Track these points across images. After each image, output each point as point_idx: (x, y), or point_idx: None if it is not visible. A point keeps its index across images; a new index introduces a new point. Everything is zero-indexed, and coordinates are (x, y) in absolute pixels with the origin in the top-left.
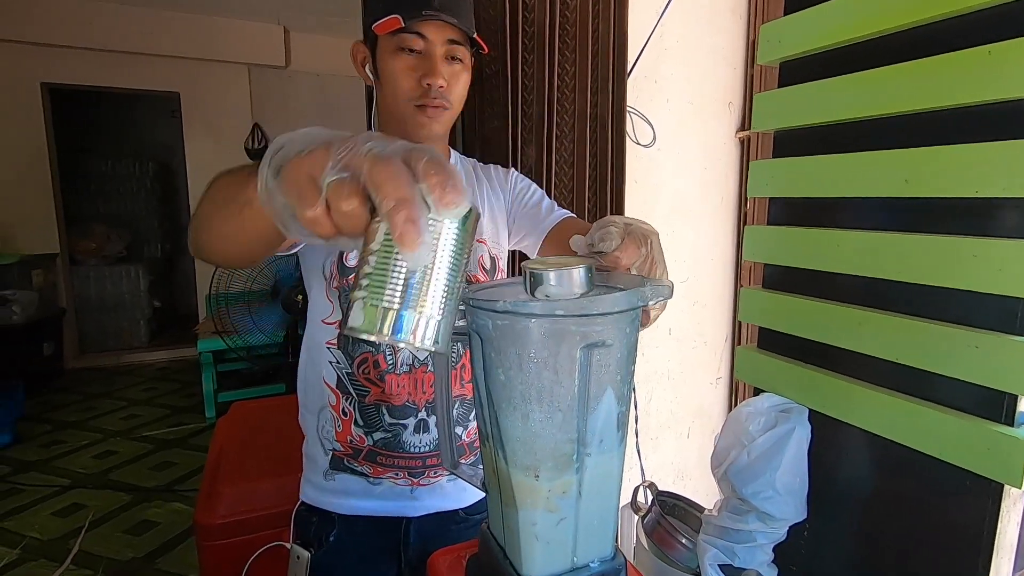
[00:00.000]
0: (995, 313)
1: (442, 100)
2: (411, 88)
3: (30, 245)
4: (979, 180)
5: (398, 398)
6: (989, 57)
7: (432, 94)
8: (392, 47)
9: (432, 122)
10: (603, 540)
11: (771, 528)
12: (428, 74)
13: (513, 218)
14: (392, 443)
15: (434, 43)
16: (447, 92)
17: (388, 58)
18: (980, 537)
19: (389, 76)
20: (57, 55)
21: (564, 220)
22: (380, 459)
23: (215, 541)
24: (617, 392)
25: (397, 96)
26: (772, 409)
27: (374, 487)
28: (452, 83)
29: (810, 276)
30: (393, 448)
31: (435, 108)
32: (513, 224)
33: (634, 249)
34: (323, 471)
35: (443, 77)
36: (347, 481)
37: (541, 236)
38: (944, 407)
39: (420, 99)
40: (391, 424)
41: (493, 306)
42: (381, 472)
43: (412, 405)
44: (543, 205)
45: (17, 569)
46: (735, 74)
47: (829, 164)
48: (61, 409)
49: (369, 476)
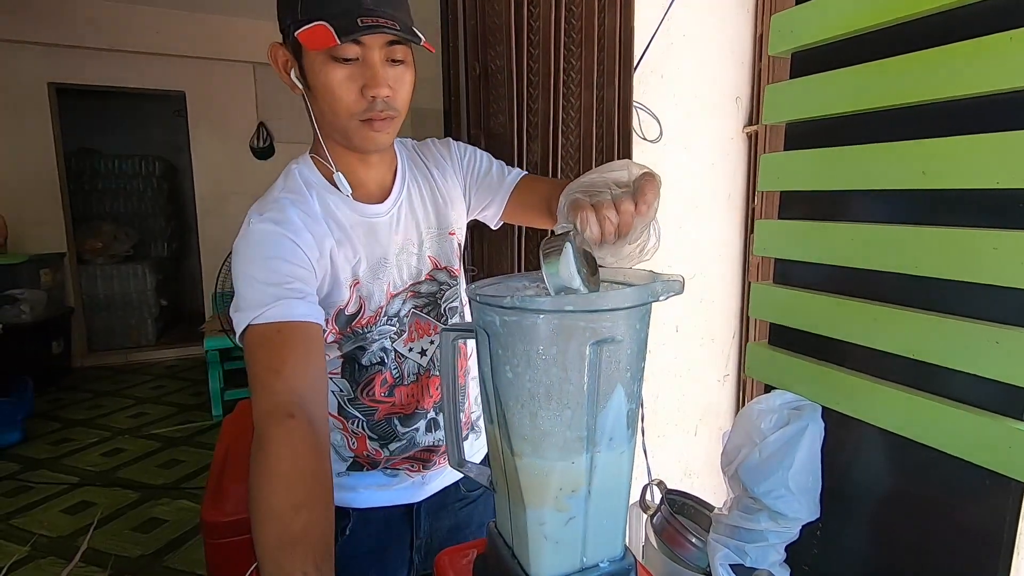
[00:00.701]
0: (1016, 307)
1: (389, 111)
2: (352, 102)
3: (38, 245)
4: (1000, 171)
5: (408, 408)
6: (1011, 43)
7: (378, 107)
8: (323, 55)
9: (380, 135)
10: (613, 540)
11: (783, 527)
12: (370, 85)
13: (469, 193)
14: (407, 447)
15: (371, 48)
16: (393, 100)
17: (319, 69)
18: (1000, 537)
19: (324, 89)
20: (64, 55)
21: (522, 180)
22: (394, 462)
23: (222, 539)
24: (627, 389)
25: (338, 111)
26: (784, 406)
27: (391, 479)
28: (397, 89)
29: (823, 271)
30: (408, 451)
31: (382, 121)
32: (472, 198)
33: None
34: (338, 472)
35: (387, 86)
36: (362, 478)
37: (503, 201)
38: (962, 404)
39: (364, 113)
40: (404, 432)
41: (500, 302)
42: (397, 466)
43: (422, 411)
44: (494, 170)
45: (27, 566)
46: (742, 69)
47: (842, 156)
48: (69, 407)
49: (386, 470)
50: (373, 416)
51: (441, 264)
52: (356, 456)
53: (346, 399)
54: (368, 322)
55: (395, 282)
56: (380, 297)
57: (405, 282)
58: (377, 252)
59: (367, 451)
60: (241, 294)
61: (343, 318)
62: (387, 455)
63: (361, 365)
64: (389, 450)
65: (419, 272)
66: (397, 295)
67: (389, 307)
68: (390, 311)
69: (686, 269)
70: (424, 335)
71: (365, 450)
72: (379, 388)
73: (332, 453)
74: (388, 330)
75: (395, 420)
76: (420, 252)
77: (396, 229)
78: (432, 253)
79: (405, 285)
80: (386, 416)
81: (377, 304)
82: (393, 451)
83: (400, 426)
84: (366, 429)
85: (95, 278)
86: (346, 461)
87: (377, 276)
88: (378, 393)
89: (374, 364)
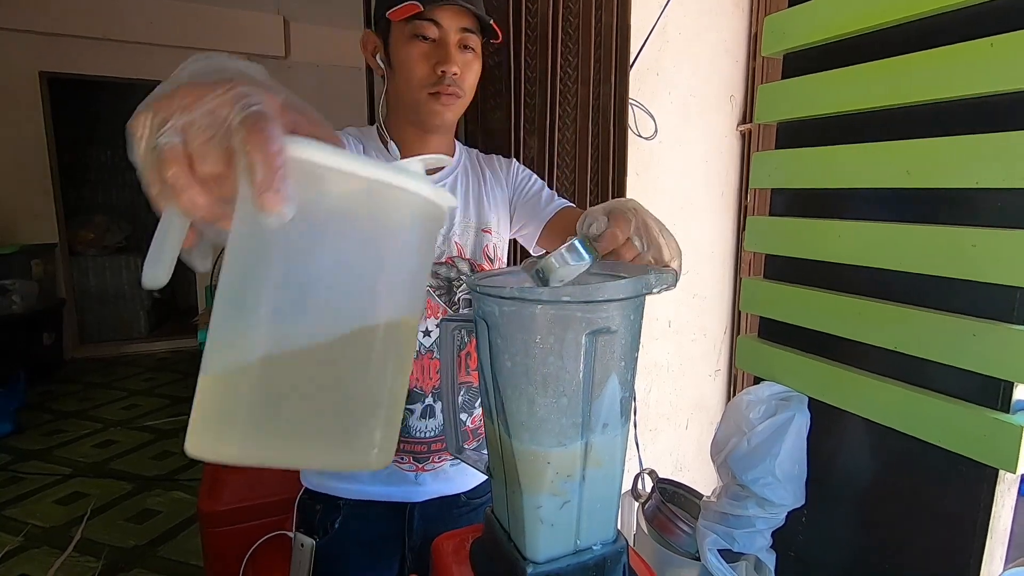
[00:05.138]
0: (993, 302)
1: (456, 88)
2: (426, 75)
3: (29, 235)
4: (979, 171)
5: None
6: (991, 49)
7: (446, 81)
8: (406, 35)
9: (445, 110)
10: (605, 524)
11: (770, 514)
12: (442, 61)
13: (514, 207)
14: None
15: (448, 31)
16: (460, 80)
17: (401, 46)
18: (975, 522)
19: (403, 63)
20: (56, 44)
21: (562, 209)
22: None
23: (219, 528)
24: (621, 378)
25: (411, 83)
26: (772, 397)
27: (380, 471)
28: (465, 71)
29: (811, 266)
30: (400, 433)
31: (448, 96)
32: (514, 213)
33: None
34: None
35: (457, 65)
36: None
37: (541, 224)
38: (942, 395)
39: (434, 86)
40: None
41: (500, 292)
42: None
43: (419, 391)
44: (543, 195)
45: (20, 556)
46: (737, 67)
47: (831, 155)
48: (61, 399)
49: None
50: None
51: (466, 254)
52: None
53: None
54: None
55: None
56: None
57: None
58: None
59: None
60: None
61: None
62: None
63: None
64: None
65: (441, 252)
66: None
67: None
68: None
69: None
70: (432, 316)
71: None
72: None
73: None
74: None
75: None
76: (448, 234)
77: None
78: (459, 240)
79: None
80: None
81: None
82: None
83: None
84: None
85: (87, 270)
86: None
87: None
88: None
89: None
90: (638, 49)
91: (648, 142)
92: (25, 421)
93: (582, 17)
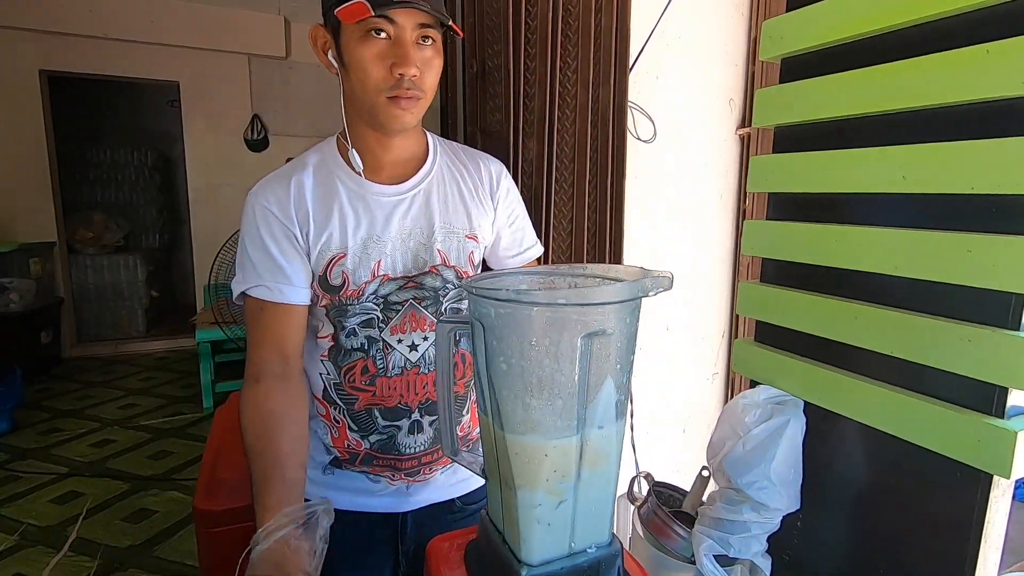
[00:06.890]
0: (989, 308)
1: (415, 90)
2: (382, 78)
3: (28, 233)
4: (974, 177)
5: (390, 400)
6: (987, 56)
7: (405, 84)
8: (359, 32)
9: (405, 114)
10: (600, 526)
11: (765, 518)
12: (400, 63)
13: (497, 232)
14: (388, 445)
15: (404, 27)
16: (420, 81)
17: (354, 45)
18: (969, 526)
19: (357, 64)
20: (56, 42)
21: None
22: (377, 462)
23: (215, 528)
24: (616, 381)
25: (367, 87)
26: (768, 401)
27: (372, 484)
28: (425, 71)
29: (808, 270)
30: (389, 450)
31: (408, 100)
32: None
33: None
34: (322, 466)
35: (416, 65)
36: (345, 477)
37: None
38: (937, 400)
39: (392, 90)
40: (385, 426)
41: (496, 294)
42: (379, 471)
43: (405, 407)
44: (526, 236)
45: (16, 555)
46: (736, 71)
47: (828, 160)
48: (59, 397)
49: (368, 474)
50: (353, 406)
51: (450, 262)
52: (337, 449)
53: (332, 383)
54: (351, 295)
55: (390, 265)
56: (365, 274)
57: (408, 269)
58: (373, 230)
59: (348, 441)
60: (240, 262)
61: (329, 286)
62: (367, 447)
63: (345, 349)
64: (369, 442)
65: (424, 263)
66: (394, 279)
67: (381, 288)
68: (381, 291)
69: (677, 267)
70: (418, 328)
71: (346, 439)
72: (360, 376)
73: (314, 445)
74: (372, 309)
75: (375, 411)
76: (429, 243)
77: (407, 215)
78: (441, 247)
79: (407, 272)
80: (366, 407)
81: (362, 280)
82: (373, 444)
83: (381, 419)
84: (346, 417)
85: (85, 268)
86: (330, 454)
87: (367, 252)
88: (359, 381)
89: (356, 350)
90: (638, 52)
91: (647, 145)
92: (22, 419)
93: (582, 19)
